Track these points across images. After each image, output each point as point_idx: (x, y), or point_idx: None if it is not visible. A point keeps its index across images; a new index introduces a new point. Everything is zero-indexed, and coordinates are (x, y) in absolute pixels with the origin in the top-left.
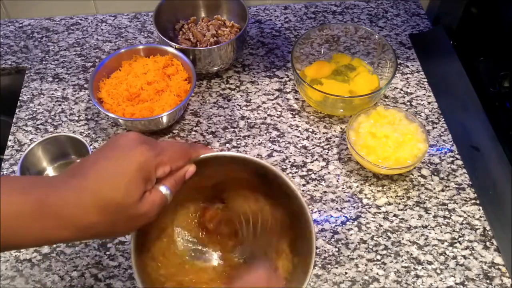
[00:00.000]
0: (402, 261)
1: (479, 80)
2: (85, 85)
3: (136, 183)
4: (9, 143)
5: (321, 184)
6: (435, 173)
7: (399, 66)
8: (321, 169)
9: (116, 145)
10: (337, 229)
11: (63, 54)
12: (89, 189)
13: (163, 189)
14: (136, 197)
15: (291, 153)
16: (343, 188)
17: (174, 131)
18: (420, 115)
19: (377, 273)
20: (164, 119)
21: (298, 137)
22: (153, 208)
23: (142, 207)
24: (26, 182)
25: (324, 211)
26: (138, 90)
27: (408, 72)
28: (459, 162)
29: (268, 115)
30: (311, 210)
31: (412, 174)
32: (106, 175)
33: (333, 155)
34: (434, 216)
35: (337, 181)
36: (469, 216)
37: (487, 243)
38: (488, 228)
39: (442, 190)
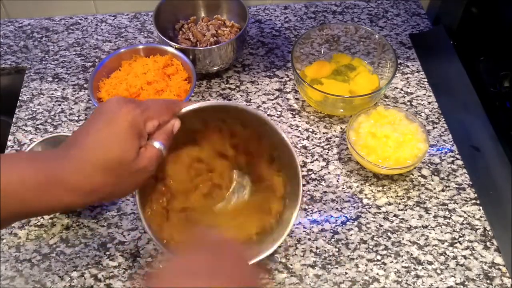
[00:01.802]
0: (403, 261)
1: (479, 80)
2: (85, 85)
3: (129, 140)
4: (8, 143)
5: (321, 184)
6: (436, 173)
7: (399, 66)
8: (321, 169)
9: (103, 112)
10: (337, 229)
11: (63, 54)
12: (87, 158)
13: (157, 144)
14: (132, 153)
15: None
16: (343, 188)
17: None
18: (420, 115)
19: (377, 273)
20: None
21: (298, 137)
22: (151, 162)
23: (140, 162)
24: (29, 157)
25: (324, 211)
26: (138, 90)
27: (408, 72)
28: (460, 162)
29: (268, 115)
30: (311, 210)
31: (412, 174)
32: (100, 141)
33: (333, 155)
34: (435, 216)
35: (337, 181)
36: (469, 216)
37: (488, 243)
38: (488, 228)
39: (443, 190)
